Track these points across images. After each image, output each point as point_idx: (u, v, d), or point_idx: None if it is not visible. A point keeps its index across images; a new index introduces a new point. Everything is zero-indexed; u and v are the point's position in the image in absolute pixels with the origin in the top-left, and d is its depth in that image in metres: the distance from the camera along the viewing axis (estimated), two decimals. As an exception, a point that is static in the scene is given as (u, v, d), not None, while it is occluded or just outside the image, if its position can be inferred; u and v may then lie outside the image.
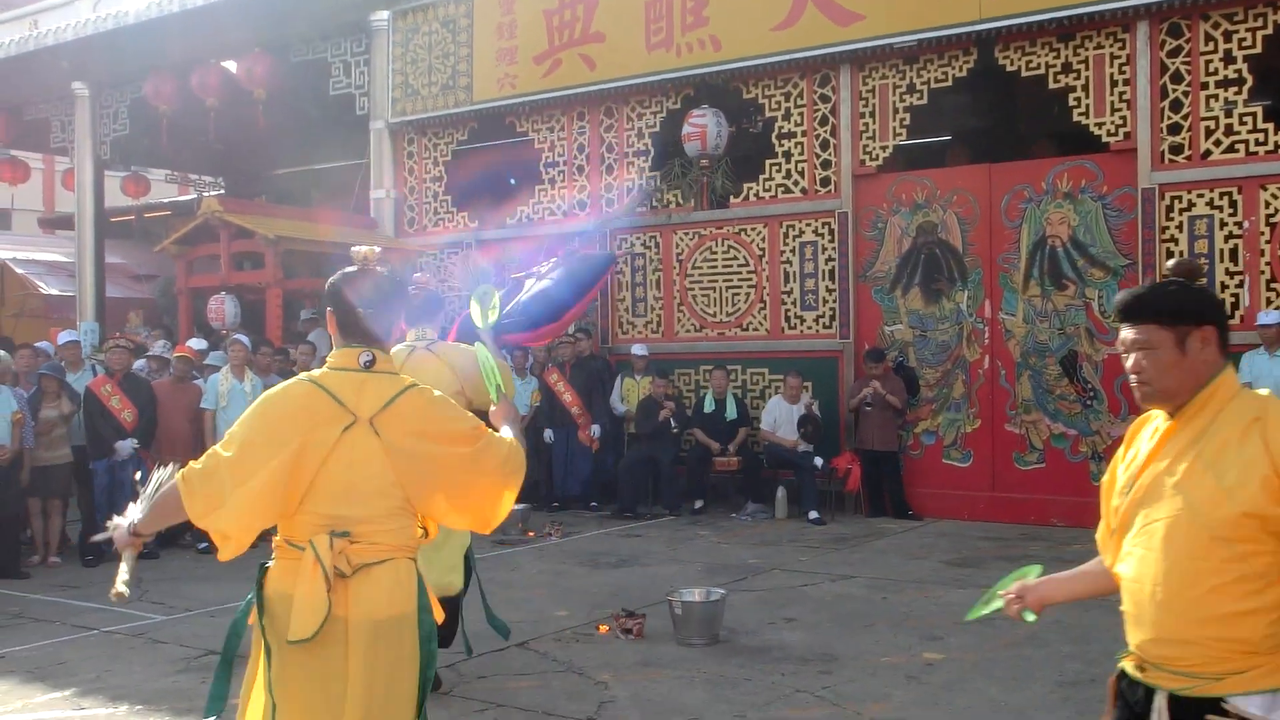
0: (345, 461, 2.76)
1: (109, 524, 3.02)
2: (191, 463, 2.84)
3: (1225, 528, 2.21)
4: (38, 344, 11.03)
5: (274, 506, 2.75)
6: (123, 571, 2.95)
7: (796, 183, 11.26)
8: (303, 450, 2.73)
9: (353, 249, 3.08)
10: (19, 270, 17.11)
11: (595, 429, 11.40)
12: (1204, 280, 2.50)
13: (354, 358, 2.86)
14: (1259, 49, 9.13)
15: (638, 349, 11.65)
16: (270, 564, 2.82)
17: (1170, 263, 2.44)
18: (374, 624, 2.73)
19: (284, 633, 2.72)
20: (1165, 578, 2.28)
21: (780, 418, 10.78)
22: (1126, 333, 2.38)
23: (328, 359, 2.93)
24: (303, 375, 2.91)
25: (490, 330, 5.83)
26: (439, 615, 2.93)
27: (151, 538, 2.98)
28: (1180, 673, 2.26)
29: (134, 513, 2.97)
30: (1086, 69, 9.78)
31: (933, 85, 10.52)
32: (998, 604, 2.68)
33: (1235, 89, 9.21)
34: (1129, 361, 2.39)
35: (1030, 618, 2.64)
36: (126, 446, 9.07)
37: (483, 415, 5.60)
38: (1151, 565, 2.30)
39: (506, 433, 3.04)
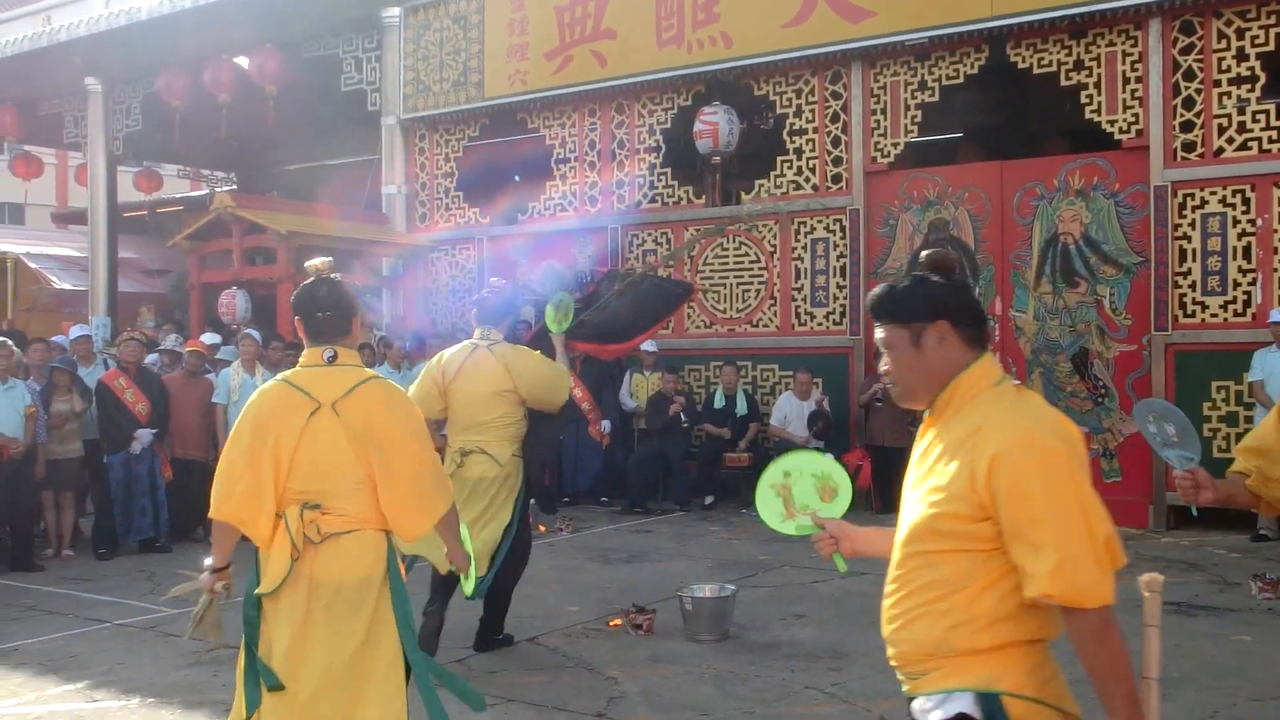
0: (312, 443, 3.22)
1: (191, 588, 3.55)
2: None
3: (922, 534, 2.21)
4: (53, 338, 11.09)
5: (271, 491, 3.21)
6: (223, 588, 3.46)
7: (808, 179, 11.25)
8: (278, 439, 3.21)
9: (306, 264, 3.48)
10: (32, 265, 17.18)
11: (605, 424, 11.39)
12: (958, 272, 2.39)
13: (319, 355, 3.32)
14: (1271, 46, 9.09)
15: (647, 345, 11.63)
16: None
17: (923, 254, 2.37)
18: (337, 585, 3.17)
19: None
20: (887, 578, 2.31)
21: (790, 414, 10.79)
22: (876, 332, 2.36)
23: (300, 359, 3.40)
24: (277, 376, 3.42)
25: (562, 335, 6.31)
26: (404, 576, 3.36)
27: (229, 567, 3.41)
28: (899, 673, 2.29)
29: (206, 566, 3.44)
30: (1099, 66, 9.75)
31: (944, 82, 10.50)
32: (808, 529, 2.65)
33: (1248, 86, 9.18)
34: (880, 362, 2.38)
35: (842, 567, 2.64)
36: (146, 435, 9.12)
37: (535, 414, 5.95)
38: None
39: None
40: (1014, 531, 2.09)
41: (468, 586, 4.42)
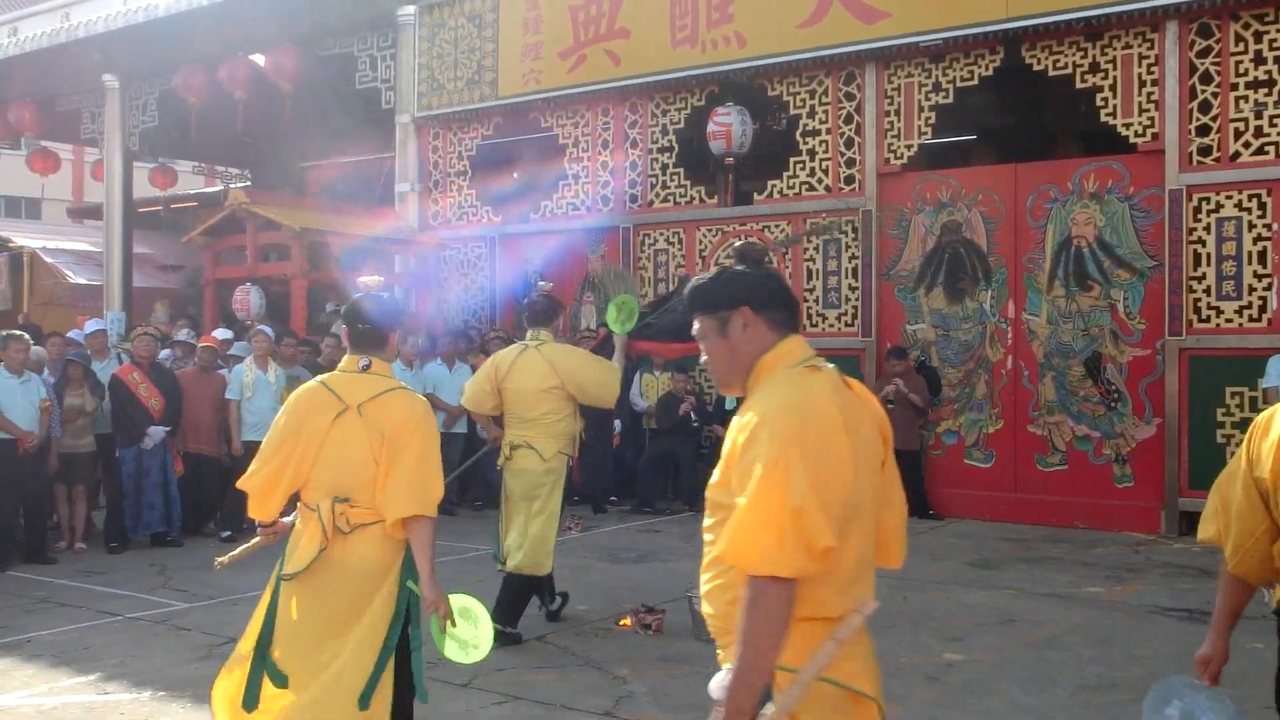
0: (339, 441, 3.62)
1: (240, 554, 4.04)
2: None
3: (710, 509, 2.26)
4: (70, 333, 11.15)
5: (294, 477, 3.65)
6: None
7: (820, 180, 11.24)
8: (308, 435, 3.64)
9: (359, 279, 3.91)
10: (48, 259, 17.25)
11: (616, 424, 11.40)
12: (771, 262, 2.42)
13: (355, 363, 3.74)
14: (1290, 50, 9.05)
15: (659, 345, 11.64)
16: (297, 521, 3.75)
17: (735, 244, 2.40)
18: (365, 568, 3.58)
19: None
20: None
21: (801, 415, 10.75)
22: (694, 325, 2.40)
23: (339, 364, 3.86)
24: (317, 378, 3.85)
25: (624, 336, 6.61)
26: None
27: (272, 524, 3.85)
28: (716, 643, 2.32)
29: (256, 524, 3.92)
30: (1114, 69, 9.72)
31: (958, 84, 10.47)
32: None
33: (1265, 90, 9.12)
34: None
35: None
36: (159, 432, 9.14)
37: (583, 410, 6.30)
38: None
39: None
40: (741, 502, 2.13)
41: (443, 646, 3.68)
